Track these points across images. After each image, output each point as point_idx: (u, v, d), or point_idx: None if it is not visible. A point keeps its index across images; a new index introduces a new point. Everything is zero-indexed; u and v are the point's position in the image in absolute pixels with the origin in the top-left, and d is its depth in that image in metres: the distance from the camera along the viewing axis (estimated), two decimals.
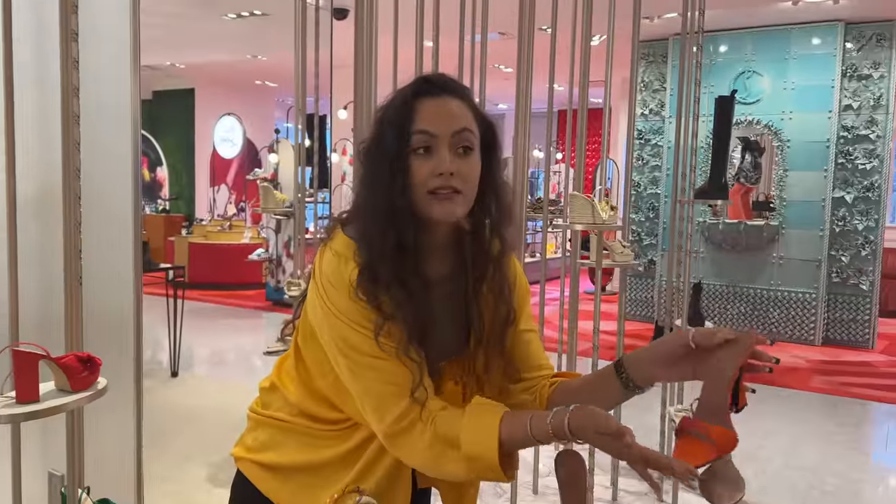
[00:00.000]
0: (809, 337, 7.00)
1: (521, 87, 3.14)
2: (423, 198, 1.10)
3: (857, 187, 6.90)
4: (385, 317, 1.08)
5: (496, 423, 1.03)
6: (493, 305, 1.19)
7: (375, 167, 1.12)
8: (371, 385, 1.09)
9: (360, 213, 1.15)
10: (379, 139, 1.13)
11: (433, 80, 1.15)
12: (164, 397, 4.89)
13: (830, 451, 4.23)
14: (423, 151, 1.09)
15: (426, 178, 1.09)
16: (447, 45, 3.33)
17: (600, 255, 2.80)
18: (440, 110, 1.11)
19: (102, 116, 2.01)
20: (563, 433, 1.00)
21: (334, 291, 1.10)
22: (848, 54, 6.87)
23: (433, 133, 1.09)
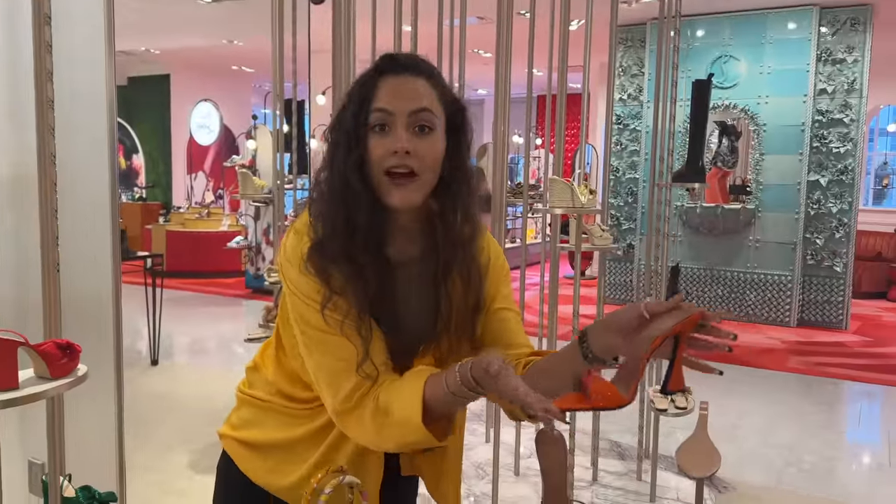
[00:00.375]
0: (785, 318, 7.11)
1: (501, 73, 3.14)
2: (381, 180, 1.09)
3: (832, 170, 7.00)
4: (333, 290, 1.08)
5: (421, 385, 1.03)
6: (461, 291, 1.17)
7: (334, 144, 1.12)
8: (323, 361, 1.09)
9: (318, 190, 1.15)
10: (341, 117, 1.13)
11: (399, 58, 1.13)
12: (145, 386, 4.86)
13: (806, 429, 4.32)
14: (380, 129, 1.09)
15: (382, 157, 1.08)
16: (426, 30, 3.32)
17: (579, 239, 2.82)
18: (401, 88, 1.09)
19: (77, 102, 1.99)
20: (468, 381, 0.98)
21: (290, 267, 1.12)
22: (823, 38, 6.94)
23: (390, 111, 1.08)
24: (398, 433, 1.04)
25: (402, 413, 1.02)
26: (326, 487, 1.03)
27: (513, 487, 3.26)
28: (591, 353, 1.06)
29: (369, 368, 1.07)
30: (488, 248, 1.23)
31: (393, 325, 1.12)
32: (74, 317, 2.05)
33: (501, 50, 3.14)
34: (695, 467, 1.14)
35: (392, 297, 1.12)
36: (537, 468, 1.24)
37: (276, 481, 1.23)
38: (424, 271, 1.17)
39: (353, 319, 1.08)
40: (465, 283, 1.17)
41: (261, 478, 1.25)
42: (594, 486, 3.31)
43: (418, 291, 1.17)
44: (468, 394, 1.00)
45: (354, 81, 1.14)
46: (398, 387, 1.06)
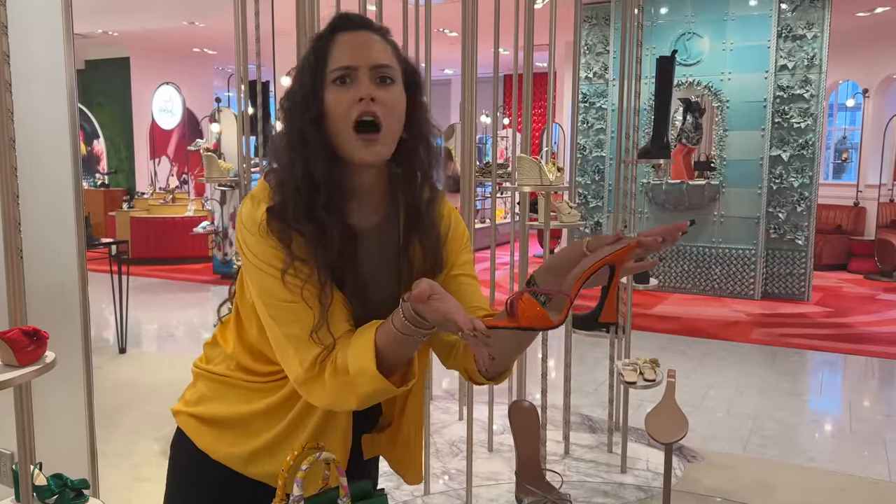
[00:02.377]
0: (749, 292, 7.26)
1: (467, 52, 3.13)
2: (347, 137, 1.07)
3: (793, 145, 7.14)
4: (293, 255, 1.07)
5: (372, 333, 1.03)
6: (420, 256, 1.17)
7: (291, 107, 1.10)
8: (288, 330, 1.07)
9: (274, 152, 1.14)
10: (297, 79, 1.11)
11: (352, 16, 1.13)
12: (113, 374, 4.81)
13: (770, 398, 4.44)
14: (341, 82, 1.07)
15: (347, 108, 1.06)
16: (391, 9, 3.29)
17: (548, 217, 2.84)
18: (359, 42, 1.09)
19: (35, 85, 1.94)
20: (410, 315, 0.97)
21: (248, 234, 1.09)
22: (783, 15, 7.04)
23: (352, 66, 1.07)
24: (357, 386, 1.03)
25: (358, 365, 1.02)
26: (303, 464, 1.03)
27: (486, 463, 3.30)
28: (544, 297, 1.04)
29: (326, 334, 1.06)
30: (448, 216, 1.23)
31: (356, 290, 1.11)
32: (40, 305, 2.02)
33: (467, 29, 3.13)
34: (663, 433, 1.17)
35: (354, 262, 1.11)
36: (510, 444, 1.26)
37: (235, 453, 1.22)
38: (386, 237, 1.17)
39: (314, 284, 1.06)
40: (424, 247, 1.16)
41: (220, 452, 1.23)
42: (566, 459, 3.37)
43: (380, 257, 1.17)
44: (415, 330, 0.98)
45: (309, 43, 1.12)
46: (352, 341, 1.05)
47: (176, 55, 11.86)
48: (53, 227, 2.00)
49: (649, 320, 6.31)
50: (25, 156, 1.87)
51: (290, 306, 1.07)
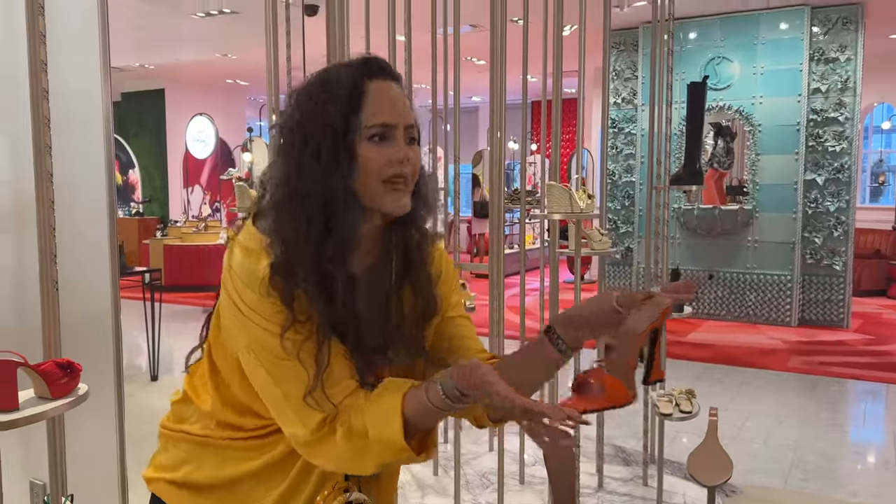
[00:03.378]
0: (786, 318, 7.10)
1: (496, 80, 3.13)
2: (376, 187, 1.04)
3: (828, 169, 7.01)
4: (295, 314, 1.01)
5: (398, 401, 0.98)
6: (412, 298, 1.14)
7: (311, 151, 1.03)
8: (288, 389, 1.01)
9: (280, 201, 1.04)
10: (320, 120, 1.03)
11: (383, 64, 1.08)
12: (145, 402, 4.84)
13: (810, 429, 4.31)
14: (379, 139, 1.04)
15: (382, 167, 1.04)
16: (419, 39, 3.32)
17: (578, 244, 2.81)
18: (395, 98, 1.06)
19: (73, 120, 1.98)
20: (454, 394, 0.94)
21: (244, 287, 1.02)
22: (815, 38, 6.96)
23: (392, 124, 1.04)
24: (378, 454, 0.99)
25: (381, 432, 0.97)
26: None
27: (518, 496, 3.24)
28: (563, 345, 1.05)
29: (322, 396, 1.00)
30: (439, 259, 1.21)
31: (356, 340, 1.07)
32: (74, 334, 2.04)
33: (496, 57, 3.14)
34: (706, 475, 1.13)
35: (356, 311, 1.06)
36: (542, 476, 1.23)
37: None
38: (377, 279, 1.14)
39: (313, 342, 1.01)
40: (416, 290, 1.14)
41: None
42: (600, 492, 3.29)
43: (371, 300, 1.13)
44: (453, 406, 0.95)
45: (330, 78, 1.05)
46: (373, 406, 1.00)
47: (209, 86, 12.11)
48: (88, 256, 2.03)
49: (683, 348, 6.19)
50: (63, 188, 1.91)
51: (287, 364, 1.01)
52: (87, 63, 1.94)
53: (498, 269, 2.78)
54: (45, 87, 1.70)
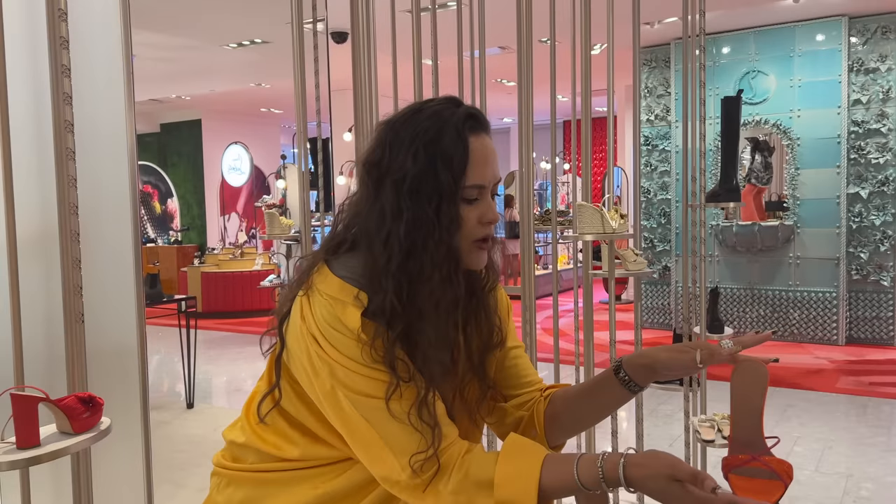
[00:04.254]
0: (832, 337, 6.87)
1: (523, 100, 3.10)
2: (468, 247, 1.05)
3: (872, 182, 6.80)
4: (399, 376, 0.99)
5: (537, 465, 0.95)
6: (479, 331, 1.15)
7: (423, 205, 1.00)
8: (390, 431, 0.98)
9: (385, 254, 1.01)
10: (429, 174, 1.00)
11: (477, 115, 1.07)
12: (181, 430, 4.85)
13: (863, 454, 4.12)
14: (472, 201, 1.04)
15: (474, 227, 1.05)
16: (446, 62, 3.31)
17: (612, 265, 2.74)
18: (490, 156, 1.06)
19: (99, 152, 1.99)
20: (616, 479, 0.91)
21: (339, 337, 0.99)
22: (853, 48, 6.80)
23: (485, 184, 1.05)
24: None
25: (509, 492, 0.94)
26: None
27: None
28: (634, 385, 1.08)
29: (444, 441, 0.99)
30: (497, 290, 1.22)
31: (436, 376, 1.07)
32: (101, 366, 2.03)
33: (523, 78, 3.10)
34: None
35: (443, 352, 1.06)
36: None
37: None
38: None
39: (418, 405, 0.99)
40: (479, 324, 1.15)
41: None
42: None
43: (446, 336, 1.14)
44: (605, 488, 0.93)
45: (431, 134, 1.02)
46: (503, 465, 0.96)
47: (244, 115, 12.34)
48: (115, 287, 2.03)
49: (725, 369, 5.98)
50: (89, 220, 1.91)
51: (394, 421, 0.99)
52: (113, 96, 1.96)
53: (529, 290, 2.72)
54: (68, 120, 1.71)
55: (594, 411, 1.15)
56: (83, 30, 1.95)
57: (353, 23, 2.91)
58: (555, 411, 1.16)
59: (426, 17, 3.81)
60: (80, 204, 1.75)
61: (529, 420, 1.18)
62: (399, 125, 1.05)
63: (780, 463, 1.03)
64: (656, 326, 7.78)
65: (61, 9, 1.69)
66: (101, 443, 1.81)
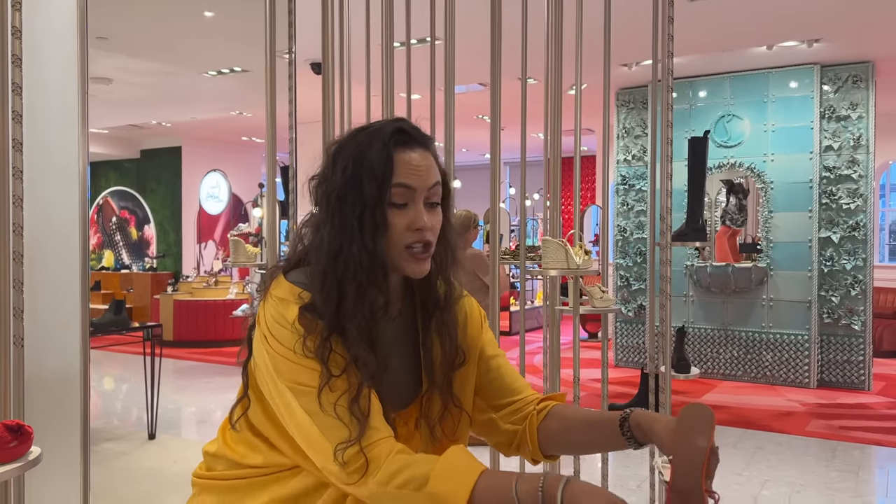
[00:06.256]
0: (804, 380, 6.88)
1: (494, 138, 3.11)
2: (399, 252, 1.11)
3: (843, 227, 6.89)
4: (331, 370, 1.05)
5: (477, 470, 0.99)
6: (440, 348, 1.20)
7: (348, 213, 1.09)
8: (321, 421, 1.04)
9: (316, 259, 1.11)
10: (354, 184, 1.09)
11: (409, 130, 1.14)
12: (138, 461, 4.72)
13: (831, 499, 4.09)
14: (400, 206, 1.10)
15: (403, 233, 1.10)
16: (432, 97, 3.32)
17: (576, 301, 2.72)
18: (419, 163, 1.11)
19: (51, 173, 1.95)
20: (554, 496, 0.95)
21: (281, 331, 1.08)
22: (825, 96, 6.94)
23: (413, 187, 1.10)
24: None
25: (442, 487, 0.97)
26: None
27: None
28: (634, 442, 1.13)
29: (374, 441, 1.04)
30: (464, 303, 1.27)
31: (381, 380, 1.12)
32: (43, 394, 1.97)
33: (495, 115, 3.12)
34: None
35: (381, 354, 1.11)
36: None
37: None
38: (406, 327, 1.21)
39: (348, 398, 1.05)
40: (443, 341, 1.20)
41: None
42: None
43: (400, 346, 1.20)
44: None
45: (361, 148, 1.11)
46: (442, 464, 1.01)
47: (225, 143, 12.32)
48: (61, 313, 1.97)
49: None
50: (35, 242, 1.87)
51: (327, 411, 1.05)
52: (68, 117, 1.93)
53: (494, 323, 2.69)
54: (18, 139, 1.68)
55: (590, 445, 1.21)
56: (41, 48, 1.93)
57: (323, 54, 2.91)
58: (550, 429, 1.20)
59: (401, 51, 3.83)
60: (27, 225, 1.71)
61: (522, 435, 1.22)
62: (343, 143, 1.15)
63: None
64: (631, 365, 7.75)
65: (16, 26, 1.67)
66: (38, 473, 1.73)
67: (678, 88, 7.12)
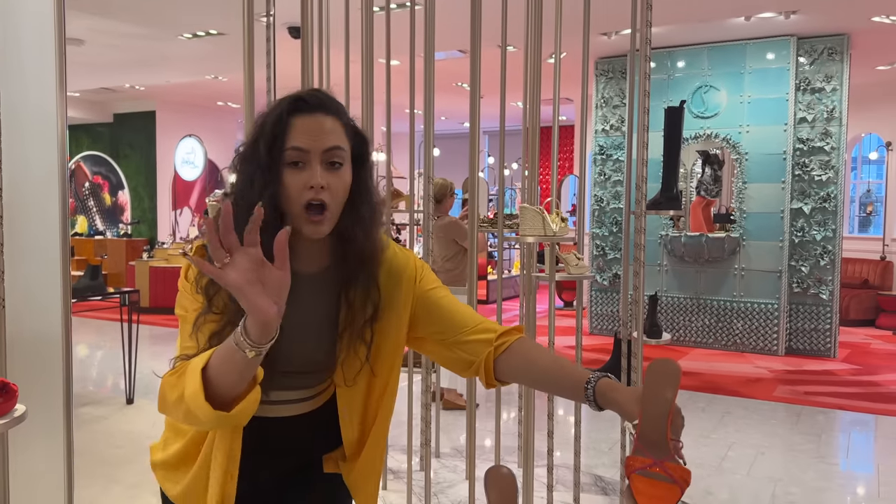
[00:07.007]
0: (773, 347, 7.06)
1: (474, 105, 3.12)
2: (298, 213, 1.18)
3: (815, 198, 7.02)
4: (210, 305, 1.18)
5: (209, 354, 1.09)
6: (360, 301, 1.26)
7: (246, 175, 1.19)
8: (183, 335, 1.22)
9: None
10: (253, 150, 1.20)
11: (307, 97, 1.21)
12: (118, 425, 4.74)
13: (794, 460, 4.24)
14: (295, 165, 1.17)
15: (299, 191, 1.16)
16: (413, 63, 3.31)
17: (552, 268, 2.77)
18: (313, 127, 1.18)
19: (30, 137, 1.94)
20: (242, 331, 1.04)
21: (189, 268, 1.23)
22: (801, 68, 7.01)
23: (305, 149, 1.17)
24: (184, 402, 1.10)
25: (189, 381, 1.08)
26: None
27: None
28: (594, 405, 1.15)
29: None
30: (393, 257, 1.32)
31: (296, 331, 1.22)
32: (26, 354, 1.98)
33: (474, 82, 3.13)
34: None
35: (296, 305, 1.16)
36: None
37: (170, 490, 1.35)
38: (326, 282, 1.28)
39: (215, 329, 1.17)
40: (364, 294, 1.26)
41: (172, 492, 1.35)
42: None
43: (323, 299, 1.28)
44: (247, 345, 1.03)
45: (265, 115, 1.21)
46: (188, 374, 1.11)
47: (201, 108, 12.14)
48: (41, 275, 1.97)
49: None
50: (14, 203, 1.86)
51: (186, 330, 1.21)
52: (45, 77, 1.91)
53: (472, 290, 2.74)
54: None
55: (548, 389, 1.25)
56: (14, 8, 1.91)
57: (302, 18, 2.89)
58: (510, 364, 1.25)
59: (381, 16, 3.80)
60: (5, 186, 1.71)
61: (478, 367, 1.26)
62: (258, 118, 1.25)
63: (681, 470, 1.05)
64: (605, 333, 7.89)
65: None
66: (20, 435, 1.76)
67: (656, 58, 7.15)
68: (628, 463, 1.10)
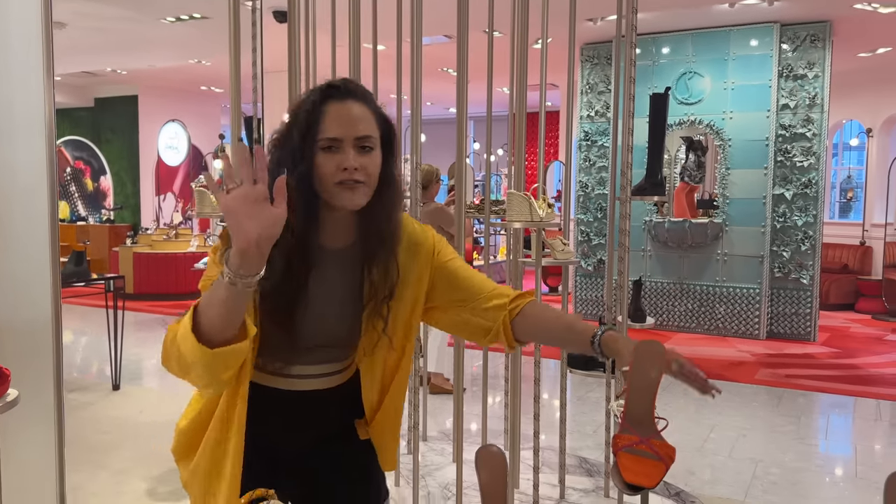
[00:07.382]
0: (754, 331, 7.16)
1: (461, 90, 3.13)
2: (332, 189, 1.25)
3: (796, 184, 7.10)
4: None
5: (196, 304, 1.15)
6: (379, 280, 1.33)
7: (280, 160, 1.25)
8: None
9: None
10: (287, 137, 1.27)
11: (338, 85, 1.28)
12: (105, 411, 4.74)
13: (775, 441, 4.32)
14: (328, 150, 1.24)
15: (333, 172, 1.24)
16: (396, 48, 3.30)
17: (538, 253, 2.80)
18: (345, 115, 1.25)
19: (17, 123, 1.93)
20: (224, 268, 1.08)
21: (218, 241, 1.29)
22: (784, 55, 7.07)
23: (339, 138, 1.24)
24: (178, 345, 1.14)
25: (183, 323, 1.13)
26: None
27: None
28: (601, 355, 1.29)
29: None
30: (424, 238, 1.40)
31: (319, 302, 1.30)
32: (17, 341, 1.98)
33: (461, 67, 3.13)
34: None
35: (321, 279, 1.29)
36: None
37: None
38: (354, 257, 1.34)
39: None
40: (384, 271, 1.33)
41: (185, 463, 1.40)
42: (562, 503, 3.27)
43: (347, 274, 1.35)
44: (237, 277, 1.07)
45: (298, 104, 1.28)
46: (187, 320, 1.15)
47: (184, 93, 12.02)
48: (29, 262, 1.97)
49: None
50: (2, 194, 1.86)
51: None
52: (30, 63, 1.90)
53: None
54: None
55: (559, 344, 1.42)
56: None
57: (289, 1, 2.87)
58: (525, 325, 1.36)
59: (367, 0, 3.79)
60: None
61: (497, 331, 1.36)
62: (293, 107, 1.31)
63: (666, 447, 1.09)
64: (590, 317, 7.95)
65: None
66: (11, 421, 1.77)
67: (642, 45, 7.17)
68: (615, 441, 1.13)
